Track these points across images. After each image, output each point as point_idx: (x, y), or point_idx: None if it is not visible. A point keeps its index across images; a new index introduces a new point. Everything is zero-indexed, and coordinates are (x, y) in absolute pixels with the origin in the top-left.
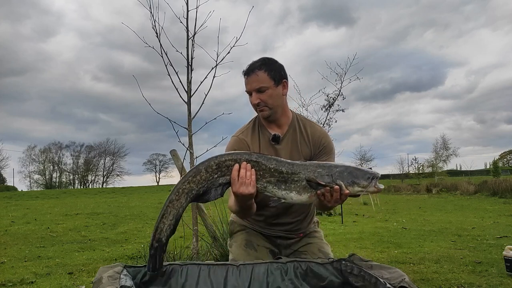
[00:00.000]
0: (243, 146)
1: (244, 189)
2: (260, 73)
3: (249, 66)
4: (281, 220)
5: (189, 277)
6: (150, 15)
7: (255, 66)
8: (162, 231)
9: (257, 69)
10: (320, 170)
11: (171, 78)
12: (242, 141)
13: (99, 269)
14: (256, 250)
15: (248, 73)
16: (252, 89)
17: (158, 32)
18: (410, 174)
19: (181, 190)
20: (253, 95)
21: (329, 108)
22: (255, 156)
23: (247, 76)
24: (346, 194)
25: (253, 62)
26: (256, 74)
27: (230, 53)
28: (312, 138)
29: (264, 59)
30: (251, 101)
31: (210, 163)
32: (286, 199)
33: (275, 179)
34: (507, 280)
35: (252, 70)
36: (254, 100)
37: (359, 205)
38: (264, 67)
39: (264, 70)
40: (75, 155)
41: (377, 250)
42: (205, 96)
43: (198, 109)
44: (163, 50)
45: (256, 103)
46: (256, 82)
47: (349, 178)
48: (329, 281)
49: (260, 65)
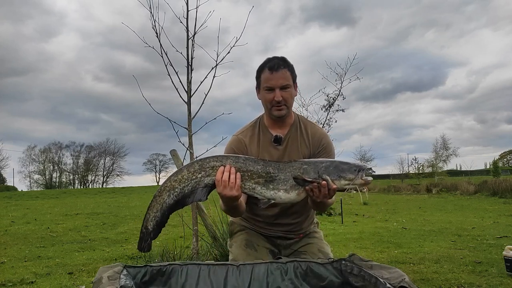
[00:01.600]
0: (241, 145)
1: (227, 192)
2: (286, 71)
3: (273, 62)
4: (282, 221)
5: (189, 277)
6: (150, 15)
7: (280, 63)
8: (148, 221)
9: (283, 66)
10: (306, 167)
11: (171, 78)
12: (240, 141)
13: (99, 269)
14: (256, 250)
15: (276, 68)
16: (278, 85)
17: (158, 32)
18: (410, 174)
19: (163, 187)
20: (277, 92)
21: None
22: (242, 159)
23: (273, 71)
24: (334, 188)
25: (275, 59)
26: (283, 71)
27: (231, 53)
28: (312, 138)
29: (283, 58)
30: (269, 98)
31: (193, 164)
32: (275, 199)
33: (263, 179)
34: (507, 280)
35: (279, 66)
36: (278, 97)
37: (359, 205)
38: (287, 65)
39: (287, 68)
40: (75, 155)
41: (377, 250)
42: (205, 96)
43: (198, 109)
44: (163, 50)
45: (279, 100)
46: (283, 79)
47: (335, 173)
48: (329, 281)
49: (284, 62)
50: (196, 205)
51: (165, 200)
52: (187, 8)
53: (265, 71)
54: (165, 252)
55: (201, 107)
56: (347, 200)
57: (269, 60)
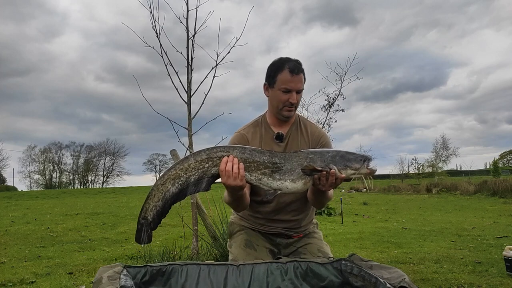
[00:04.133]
0: (243, 141)
1: (231, 182)
2: (302, 75)
3: (294, 65)
4: (281, 217)
5: (189, 277)
6: (150, 15)
7: (299, 67)
8: (148, 211)
9: (301, 70)
10: (312, 156)
11: (171, 78)
12: (242, 136)
13: (99, 269)
14: (255, 250)
15: (297, 71)
16: (296, 88)
17: (158, 32)
18: (410, 174)
19: (167, 176)
20: (294, 95)
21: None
22: (248, 150)
23: (293, 74)
24: (342, 178)
25: (294, 61)
26: (302, 75)
27: (233, 54)
28: (311, 136)
29: (300, 62)
30: (284, 98)
31: (200, 153)
32: (281, 189)
33: (270, 170)
34: (507, 280)
35: (299, 69)
36: (294, 100)
37: (359, 205)
38: (303, 70)
39: (303, 73)
40: (75, 155)
41: (377, 250)
42: (205, 96)
43: (198, 109)
44: (163, 50)
45: (294, 103)
46: (301, 83)
47: (342, 162)
48: (329, 281)
49: (301, 67)
50: (196, 205)
51: (169, 188)
52: (187, 8)
53: (284, 72)
54: (165, 252)
55: (201, 107)
56: (347, 200)
57: (288, 60)
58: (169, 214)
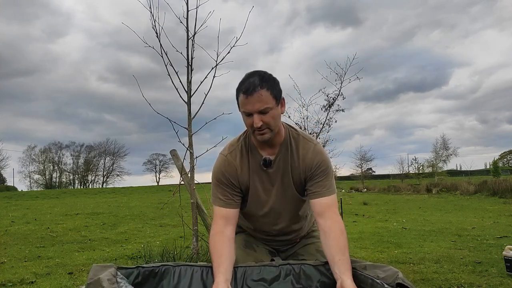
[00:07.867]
0: (232, 170)
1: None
2: (263, 91)
3: (248, 83)
4: (282, 238)
5: (182, 278)
6: (150, 15)
7: (256, 83)
8: None
9: (259, 87)
10: None
11: (171, 78)
12: (230, 164)
13: (92, 268)
14: (255, 251)
15: (250, 91)
16: (255, 110)
17: (158, 32)
18: (410, 174)
19: None
20: (255, 117)
21: (328, 108)
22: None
23: (247, 95)
24: None
25: (251, 79)
26: (259, 93)
27: (235, 54)
28: (302, 163)
29: (261, 75)
30: (248, 123)
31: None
32: None
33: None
34: (507, 280)
35: (254, 88)
36: (257, 123)
37: (359, 205)
38: (266, 84)
39: (266, 88)
40: (75, 155)
41: (377, 250)
42: (205, 96)
43: (198, 109)
44: (163, 50)
45: (258, 126)
46: (260, 102)
47: None
48: (321, 282)
49: (261, 82)
50: (196, 205)
51: None
52: (187, 8)
53: (240, 94)
54: (165, 252)
55: (201, 107)
56: (347, 200)
57: (246, 79)
58: (169, 214)
